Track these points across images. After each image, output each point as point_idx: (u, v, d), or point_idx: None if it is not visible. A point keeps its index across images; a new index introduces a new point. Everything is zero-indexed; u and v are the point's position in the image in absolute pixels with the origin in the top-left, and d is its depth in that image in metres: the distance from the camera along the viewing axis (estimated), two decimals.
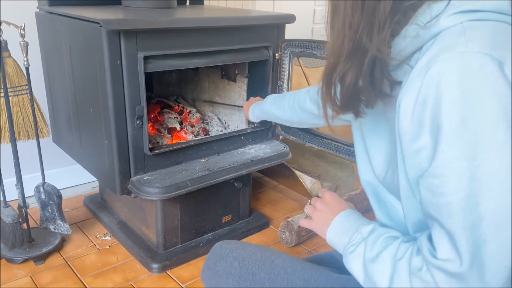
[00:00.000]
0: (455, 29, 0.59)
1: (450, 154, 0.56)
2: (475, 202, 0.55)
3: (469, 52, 0.56)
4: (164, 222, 1.54)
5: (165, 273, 1.54)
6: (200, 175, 1.45)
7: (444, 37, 0.60)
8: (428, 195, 0.60)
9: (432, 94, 0.56)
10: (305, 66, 1.75)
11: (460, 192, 0.56)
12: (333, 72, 0.67)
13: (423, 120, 0.58)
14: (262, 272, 0.84)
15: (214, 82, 1.86)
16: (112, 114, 1.30)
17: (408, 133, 0.60)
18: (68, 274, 1.52)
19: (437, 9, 0.61)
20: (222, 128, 1.80)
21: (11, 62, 1.44)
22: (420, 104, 0.58)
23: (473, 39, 0.57)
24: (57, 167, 1.94)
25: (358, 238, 0.74)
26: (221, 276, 0.86)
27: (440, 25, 0.61)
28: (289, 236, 1.69)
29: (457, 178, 0.56)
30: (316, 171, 2.12)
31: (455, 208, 0.57)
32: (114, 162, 1.36)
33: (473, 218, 0.55)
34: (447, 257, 0.58)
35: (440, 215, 0.59)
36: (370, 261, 0.69)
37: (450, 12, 0.60)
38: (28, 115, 1.50)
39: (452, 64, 0.56)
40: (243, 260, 0.86)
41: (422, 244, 0.63)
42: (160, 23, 1.31)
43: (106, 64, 1.25)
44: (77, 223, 1.82)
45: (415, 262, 0.62)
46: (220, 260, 0.87)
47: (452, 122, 0.55)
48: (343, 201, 0.87)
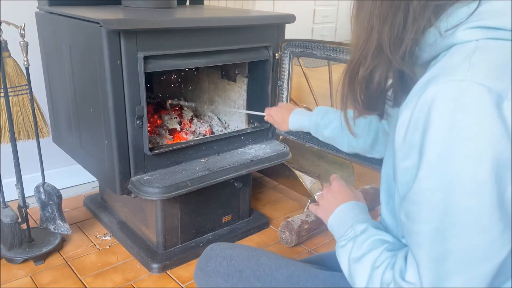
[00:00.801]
0: (467, 47, 0.56)
1: (427, 184, 0.55)
2: (444, 236, 0.54)
3: (467, 82, 0.52)
4: (164, 222, 1.54)
5: (165, 273, 1.54)
6: (200, 175, 1.45)
7: (454, 53, 0.57)
8: (404, 219, 0.60)
9: (423, 118, 0.55)
10: (305, 66, 1.75)
11: (431, 223, 0.55)
12: (358, 68, 0.64)
13: (414, 141, 0.57)
14: (248, 270, 0.86)
15: (214, 82, 1.86)
16: (112, 114, 1.30)
17: (401, 150, 0.59)
18: (68, 274, 1.52)
19: (458, 18, 0.58)
20: (222, 128, 1.80)
21: (11, 62, 1.44)
22: (412, 125, 0.57)
23: (477, 65, 0.53)
24: (57, 167, 1.94)
25: (351, 234, 0.75)
26: (210, 275, 0.89)
27: (456, 37, 0.58)
28: (289, 236, 1.69)
29: (430, 208, 0.55)
30: (316, 171, 2.12)
31: (423, 237, 0.56)
32: (114, 162, 1.36)
33: (439, 252, 0.55)
34: (412, 281, 0.59)
35: (410, 241, 0.59)
36: (354, 261, 0.70)
37: (469, 24, 0.57)
38: (28, 115, 1.50)
39: (446, 92, 0.53)
40: (230, 259, 0.89)
41: (397, 260, 0.64)
42: (160, 23, 1.31)
43: (106, 64, 1.25)
44: (77, 223, 1.82)
45: (387, 276, 0.63)
46: (210, 261, 0.90)
47: (433, 152, 0.54)
48: (351, 191, 0.87)
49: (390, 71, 0.62)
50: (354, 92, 0.67)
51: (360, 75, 0.64)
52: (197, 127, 1.76)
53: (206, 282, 0.90)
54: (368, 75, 0.63)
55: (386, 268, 0.64)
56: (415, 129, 0.56)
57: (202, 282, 0.91)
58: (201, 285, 0.92)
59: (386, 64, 0.62)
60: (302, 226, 1.69)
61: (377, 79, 0.63)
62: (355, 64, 0.64)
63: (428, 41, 0.60)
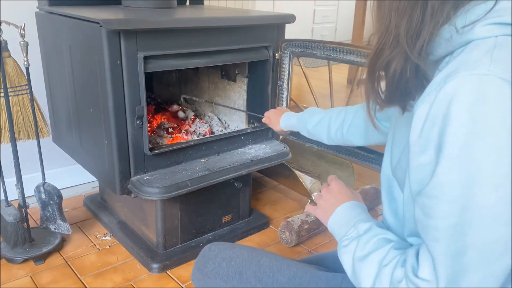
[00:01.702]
0: (487, 43, 0.56)
1: (447, 178, 0.54)
2: (462, 231, 0.54)
3: (490, 76, 0.52)
4: (164, 222, 1.54)
5: (165, 273, 1.54)
6: (200, 175, 1.45)
7: (473, 48, 0.57)
8: (420, 215, 0.60)
9: (442, 112, 0.54)
10: (305, 66, 1.75)
11: (450, 218, 0.55)
12: (377, 60, 0.65)
13: (431, 136, 0.56)
14: (249, 271, 0.85)
15: (214, 82, 1.86)
16: (112, 114, 1.30)
17: (416, 145, 0.59)
18: (68, 274, 1.52)
19: (476, 14, 0.58)
20: (222, 128, 1.80)
21: (11, 62, 1.44)
22: (430, 120, 0.56)
23: (499, 60, 0.54)
24: (57, 167, 1.94)
25: (354, 234, 0.74)
26: (209, 276, 0.88)
27: (474, 33, 0.58)
28: (289, 236, 1.69)
29: (449, 203, 0.55)
30: (316, 171, 2.12)
31: (441, 233, 0.56)
32: (114, 162, 1.36)
33: (457, 247, 0.55)
34: (426, 277, 0.58)
35: (426, 236, 0.59)
36: (359, 260, 0.69)
37: (488, 21, 0.57)
38: (28, 115, 1.50)
39: (468, 85, 0.53)
40: (230, 260, 0.87)
41: (408, 258, 0.63)
42: (160, 23, 1.31)
43: (106, 64, 1.25)
44: (77, 223, 1.82)
45: (397, 273, 0.63)
46: (209, 261, 0.89)
47: (455, 146, 0.53)
48: (350, 191, 0.87)
49: (407, 64, 0.62)
50: (373, 83, 0.67)
51: (378, 66, 0.65)
52: (197, 127, 1.76)
53: (204, 283, 0.89)
54: (385, 67, 0.64)
55: (396, 265, 0.64)
56: (433, 123, 0.56)
57: (200, 283, 0.90)
58: (199, 285, 0.90)
59: (402, 56, 0.62)
60: (302, 226, 1.70)
61: (393, 70, 0.63)
62: (373, 56, 0.65)
63: (444, 37, 0.60)
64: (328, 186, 0.88)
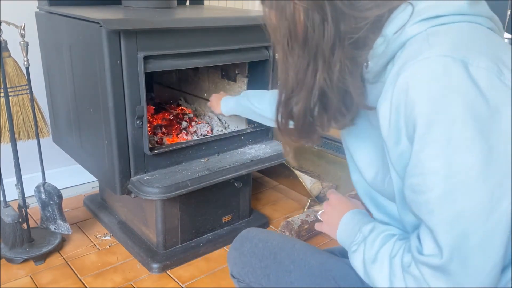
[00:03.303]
0: (420, 37, 0.62)
1: (424, 154, 0.58)
2: (452, 198, 0.57)
3: (432, 57, 0.58)
4: (164, 222, 1.54)
5: (165, 273, 1.54)
6: (200, 175, 1.45)
7: (410, 44, 0.62)
8: (411, 194, 0.62)
9: (403, 101, 0.59)
10: None
11: (437, 189, 0.58)
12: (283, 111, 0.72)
13: (399, 126, 0.60)
14: (284, 253, 0.89)
15: (214, 82, 1.86)
16: (112, 114, 1.30)
17: (390, 139, 0.63)
18: (68, 274, 1.52)
19: (402, 19, 0.63)
20: (222, 128, 1.80)
21: (11, 62, 1.44)
22: (394, 112, 0.61)
23: (435, 44, 0.59)
24: (57, 167, 1.94)
25: (360, 238, 0.76)
26: (245, 255, 0.93)
27: (406, 34, 0.63)
28: (289, 236, 1.69)
29: (433, 176, 0.58)
30: (316, 171, 2.12)
31: (433, 204, 0.59)
32: (114, 162, 1.36)
33: (451, 213, 0.58)
34: (431, 253, 0.60)
35: (421, 212, 0.61)
36: (370, 262, 0.71)
37: (414, 20, 0.63)
38: (28, 115, 1.50)
39: (418, 70, 0.58)
40: (266, 242, 0.92)
41: (411, 241, 0.66)
42: (160, 23, 1.31)
43: (106, 64, 1.25)
44: (77, 223, 1.82)
45: (406, 259, 0.65)
46: (246, 242, 0.94)
47: (423, 124, 0.57)
48: (349, 201, 0.91)
49: (309, 105, 0.69)
50: (286, 132, 0.75)
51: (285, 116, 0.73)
52: (198, 128, 1.76)
53: (240, 260, 0.93)
54: (289, 114, 0.72)
55: (404, 253, 0.66)
56: (398, 113, 0.60)
57: (236, 261, 0.95)
58: (235, 264, 0.95)
59: (304, 100, 0.68)
60: (302, 226, 1.70)
61: (296, 115, 0.71)
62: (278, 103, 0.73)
63: (378, 51, 0.66)
64: (328, 201, 0.92)
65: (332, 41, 0.64)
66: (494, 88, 0.57)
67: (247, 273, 0.92)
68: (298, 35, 0.65)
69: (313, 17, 0.63)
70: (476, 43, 0.60)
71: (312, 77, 0.66)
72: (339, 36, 0.64)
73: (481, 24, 0.64)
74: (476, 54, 0.58)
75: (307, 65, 0.66)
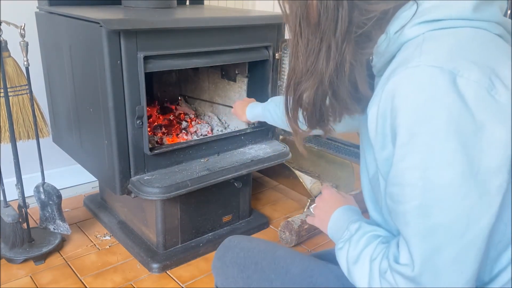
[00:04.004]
0: (416, 41, 0.61)
1: (404, 164, 0.58)
2: (428, 211, 0.57)
3: (421, 66, 0.57)
4: (164, 222, 1.54)
5: (165, 273, 1.54)
6: (200, 175, 1.45)
7: (406, 48, 0.62)
8: (390, 203, 0.63)
9: (389, 107, 0.59)
10: None
11: (414, 200, 0.58)
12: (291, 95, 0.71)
13: (385, 131, 0.60)
14: (265, 261, 0.88)
15: (214, 82, 1.86)
16: (112, 114, 1.30)
17: (376, 143, 0.63)
18: (68, 274, 1.52)
19: (404, 19, 0.63)
20: (222, 128, 1.80)
21: (11, 62, 1.44)
22: (381, 117, 0.61)
23: (427, 51, 0.58)
24: (57, 167, 1.94)
25: (347, 235, 0.77)
26: (227, 265, 0.92)
27: (404, 35, 0.63)
28: (289, 236, 1.69)
29: (411, 187, 0.58)
30: (316, 171, 2.12)
31: (409, 216, 0.59)
32: (114, 162, 1.36)
33: (426, 226, 0.57)
34: (405, 262, 0.61)
35: (398, 222, 0.61)
36: (352, 262, 0.72)
37: (414, 22, 0.62)
38: (28, 115, 1.50)
39: (405, 79, 0.58)
40: (248, 251, 0.91)
41: (390, 248, 0.66)
42: (160, 23, 1.31)
43: (106, 64, 1.25)
44: (77, 223, 1.82)
45: (383, 265, 0.65)
46: (228, 251, 0.93)
47: (405, 134, 0.57)
48: (342, 197, 0.91)
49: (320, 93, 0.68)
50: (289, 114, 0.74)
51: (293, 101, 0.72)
52: (198, 128, 1.76)
53: (223, 271, 0.93)
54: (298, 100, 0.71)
55: (382, 258, 0.66)
56: (384, 119, 0.60)
57: (219, 271, 0.94)
58: (218, 274, 0.94)
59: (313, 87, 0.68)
60: (302, 226, 1.70)
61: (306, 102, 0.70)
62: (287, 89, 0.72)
63: (381, 48, 0.66)
64: (321, 196, 0.93)
65: (346, 28, 0.63)
66: (482, 102, 0.55)
67: (230, 284, 0.91)
68: (311, 18, 0.64)
69: (327, 2, 0.62)
70: (472, 52, 0.58)
71: (323, 63, 0.65)
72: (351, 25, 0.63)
73: (487, 29, 0.62)
74: (468, 65, 0.56)
75: (319, 51, 0.65)
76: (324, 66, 0.66)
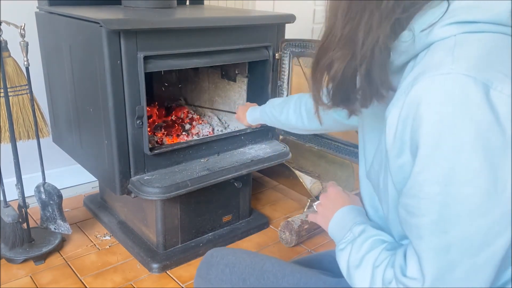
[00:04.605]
0: (447, 43, 0.57)
1: (423, 177, 0.55)
2: (444, 227, 0.55)
3: (453, 74, 0.53)
4: (164, 222, 1.54)
5: (165, 273, 1.54)
6: (200, 175, 1.45)
7: (435, 50, 0.58)
8: (404, 214, 0.60)
9: (412, 114, 0.55)
10: (305, 66, 1.75)
11: (431, 215, 0.56)
12: (320, 58, 0.65)
13: (404, 138, 0.57)
14: (252, 278, 0.84)
15: (214, 82, 1.86)
16: (112, 114, 1.30)
17: (393, 149, 0.60)
18: (68, 274, 1.52)
19: (432, 17, 0.59)
20: (222, 128, 1.80)
21: (11, 62, 1.44)
22: (402, 123, 0.57)
23: (460, 58, 0.54)
24: (57, 167, 1.94)
25: (350, 237, 0.75)
26: (213, 283, 0.86)
27: (434, 35, 0.58)
28: (289, 236, 1.69)
29: (429, 201, 0.55)
30: (316, 171, 2.12)
31: (424, 230, 0.57)
32: (114, 162, 1.36)
33: (441, 243, 0.56)
34: (414, 276, 0.59)
35: (411, 235, 0.59)
36: (354, 266, 0.70)
37: (445, 21, 0.58)
38: (28, 115, 1.50)
39: (434, 86, 0.54)
40: (233, 266, 0.86)
41: (396, 258, 0.64)
42: (160, 23, 1.31)
43: (106, 64, 1.25)
44: (77, 223, 1.82)
45: (388, 274, 0.63)
46: (212, 268, 0.88)
47: (428, 145, 0.54)
48: (347, 195, 0.88)
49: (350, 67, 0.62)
50: (315, 83, 0.67)
51: (320, 66, 0.65)
52: (200, 128, 1.76)
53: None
54: (327, 67, 0.64)
55: (387, 266, 0.64)
56: (405, 126, 0.57)
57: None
58: None
59: (346, 59, 0.62)
60: (302, 226, 1.70)
61: (334, 71, 0.63)
62: (317, 54, 0.66)
63: (403, 44, 0.61)
64: (326, 193, 0.90)
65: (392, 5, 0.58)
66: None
67: None
68: None
69: None
70: (505, 63, 0.55)
71: (360, 35, 0.60)
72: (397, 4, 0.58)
73: None
74: (502, 77, 0.53)
75: (360, 20, 0.59)
76: (360, 38, 0.60)
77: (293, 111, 1.26)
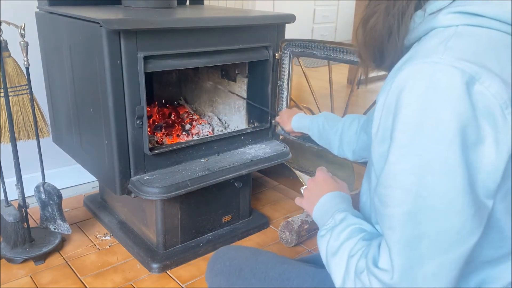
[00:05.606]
0: (446, 32, 0.57)
1: (399, 167, 0.54)
2: (416, 219, 0.54)
3: (441, 64, 0.52)
4: (164, 222, 1.54)
5: (165, 273, 1.54)
6: (200, 175, 1.45)
7: (433, 36, 0.58)
8: (377, 203, 0.60)
9: (394, 100, 0.55)
10: (305, 66, 1.75)
11: (403, 206, 0.55)
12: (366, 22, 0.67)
13: (387, 125, 0.56)
14: (247, 268, 0.90)
15: (214, 82, 1.86)
16: (112, 114, 1.30)
17: (377, 136, 0.59)
18: (68, 274, 1.52)
19: (443, 2, 0.58)
20: (222, 128, 1.80)
21: (11, 62, 1.44)
22: (386, 109, 0.57)
23: (453, 49, 0.54)
24: (57, 167, 1.94)
25: (331, 224, 0.74)
26: (216, 275, 0.94)
27: (437, 20, 0.58)
28: (289, 236, 1.69)
29: (402, 191, 0.54)
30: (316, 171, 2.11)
31: (395, 221, 0.56)
32: (114, 162, 1.36)
33: (411, 235, 0.54)
34: (385, 268, 0.58)
35: (383, 225, 0.58)
36: (331, 254, 0.69)
37: (452, 9, 0.57)
38: (28, 115, 1.50)
39: (419, 73, 0.53)
40: (233, 259, 0.93)
41: (371, 249, 0.63)
42: (160, 23, 1.31)
43: (106, 64, 1.25)
44: (77, 223, 1.82)
45: (360, 264, 0.63)
46: (217, 261, 0.95)
47: (405, 134, 0.53)
48: (335, 181, 0.88)
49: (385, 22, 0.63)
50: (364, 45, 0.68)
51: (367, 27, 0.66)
52: (200, 128, 1.76)
53: (212, 281, 0.95)
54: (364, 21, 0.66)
55: (361, 256, 0.64)
56: (388, 113, 0.56)
57: (210, 282, 0.96)
58: (209, 284, 0.97)
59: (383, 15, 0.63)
60: (302, 226, 1.70)
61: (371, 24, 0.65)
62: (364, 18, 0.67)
63: (415, 23, 0.61)
64: (314, 177, 0.89)
65: None
66: (491, 118, 0.51)
67: None
68: None
69: None
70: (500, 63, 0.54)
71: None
72: None
73: None
74: (491, 75, 0.52)
75: None
76: None
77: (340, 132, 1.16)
